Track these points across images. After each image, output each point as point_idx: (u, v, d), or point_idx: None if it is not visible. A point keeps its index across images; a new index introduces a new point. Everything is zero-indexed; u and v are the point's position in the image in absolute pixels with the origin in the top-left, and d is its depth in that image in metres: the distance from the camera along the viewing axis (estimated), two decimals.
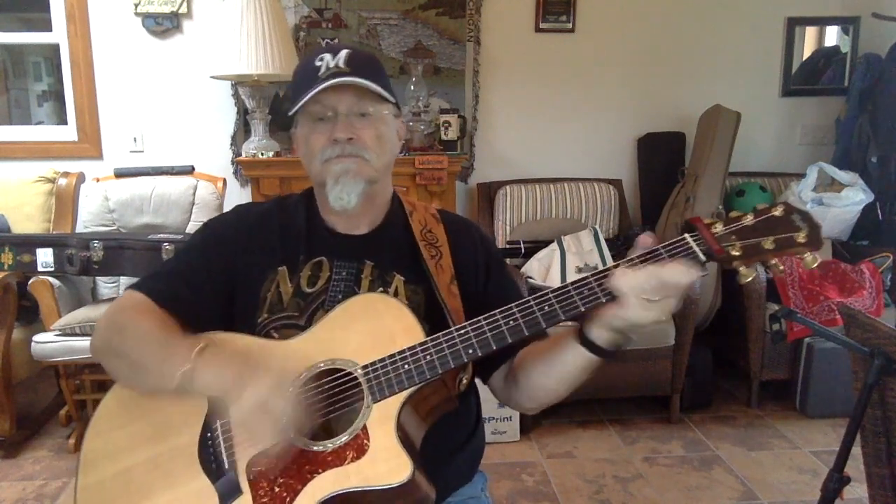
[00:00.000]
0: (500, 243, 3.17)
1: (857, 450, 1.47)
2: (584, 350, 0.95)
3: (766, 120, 3.51)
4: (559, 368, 1.00)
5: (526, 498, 2.30)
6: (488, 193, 3.27)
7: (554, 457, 2.58)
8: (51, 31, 3.22)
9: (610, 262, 2.98)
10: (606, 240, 3.08)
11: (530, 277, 2.89)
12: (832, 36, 3.57)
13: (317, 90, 1.05)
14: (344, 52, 1.09)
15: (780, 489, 2.35)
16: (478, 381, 1.20)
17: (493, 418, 2.62)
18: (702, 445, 2.66)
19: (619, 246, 3.11)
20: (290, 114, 1.13)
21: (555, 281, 2.88)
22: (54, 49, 3.28)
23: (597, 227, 3.14)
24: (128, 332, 1.03)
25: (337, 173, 1.08)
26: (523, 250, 3.12)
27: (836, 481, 1.47)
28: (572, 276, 2.91)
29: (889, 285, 2.89)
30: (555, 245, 3.04)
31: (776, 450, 2.62)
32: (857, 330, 1.43)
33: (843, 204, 3.00)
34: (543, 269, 2.98)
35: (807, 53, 3.54)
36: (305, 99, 1.07)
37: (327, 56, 1.08)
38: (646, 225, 3.33)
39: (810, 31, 3.53)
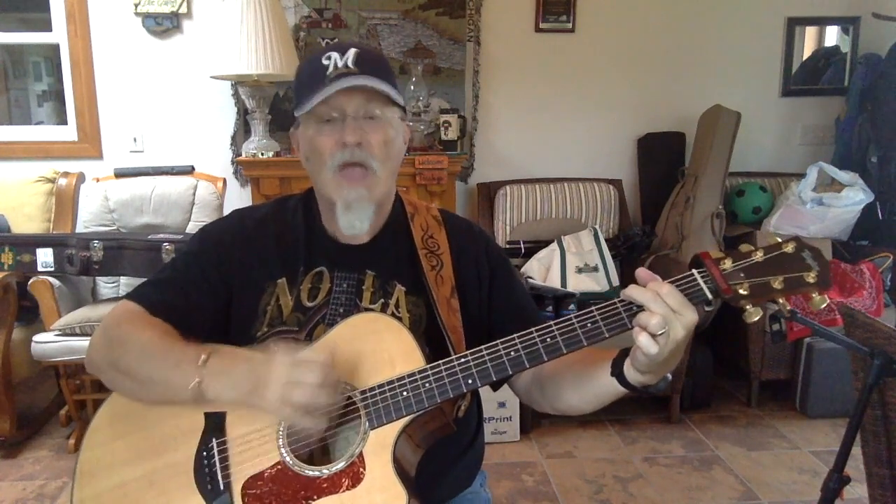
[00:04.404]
0: (500, 243, 3.17)
1: (857, 450, 1.47)
2: (617, 383, 0.93)
3: (766, 120, 3.51)
4: (590, 391, 0.98)
5: (526, 498, 2.30)
6: (488, 193, 3.27)
7: (554, 457, 2.58)
8: (51, 31, 3.22)
9: (610, 262, 2.99)
10: (606, 240, 3.08)
11: (530, 277, 2.89)
12: (832, 36, 3.57)
13: (329, 93, 1.01)
14: (352, 52, 1.04)
15: (780, 489, 2.35)
16: None
17: (493, 418, 2.62)
18: (702, 445, 2.66)
19: (619, 246, 3.11)
20: (298, 115, 1.08)
21: (555, 281, 2.89)
22: (54, 49, 3.28)
23: (597, 227, 3.14)
24: (129, 347, 1.00)
25: (349, 200, 1.05)
26: (523, 250, 3.12)
27: (836, 481, 1.47)
28: (572, 277, 2.93)
29: (889, 285, 2.89)
30: (555, 245, 3.04)
31: (776, 450, 2.62)
32: (857, 330, 1.43)
33: (843, 204, 3.00)
34: (543, 269, 2.98)
35: (807, 53, 3.54)
36: (317, 101, 1.02)
37: (335, 55, 1.04)
38: (646, 225, 3.33)
39: (810, 31, 3.53)
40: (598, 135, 3.47)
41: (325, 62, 1.04)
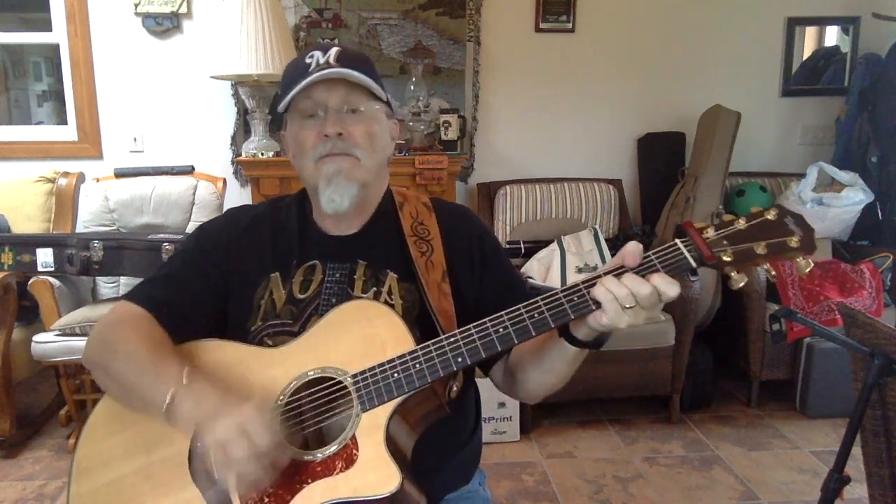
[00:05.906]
0: (500, 244, 3.16)
1: (857, 450, 1.47)
2: (569, 345, 0.96)
3: (766, 120, 3.51)
4: (549, 364, 1.01)
5: (526, 498, 2.30)
6: (488, 193, 3.27)
7: (554, 457, 2.58)
8: (51, 31, 3.22)
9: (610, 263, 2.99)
10: (606, 240, 3.08)
11: (530, 277, 2.89)
12: (832, 36, 3.57)
13: (306, 83, 1.04)
14: (334, 49, 1.08)
15: (780, 489, 2.35)
16: (479, 381, 1.19)
17: (493, 418, 2.62)
18: (702, 445, 2.66)
19: (619, 246, 3.10)
20: (281, 110, 1.12)
21: (555, 281, 2.89)
22: (54, 49, 3.28)
23: (597, 227, 3.14)
24: (118, 353, 1.02)
25: (329, 175, 1.07)
26: (523, 250, 3.12)
27: (836, 481, 1.47)
28: (572, 276, 2.93)
29: (889, 285, 2.89)
30: (555, 245, 3.04)
31: (776, 450, 2.62)
32: (857, 330, 1.43)
33: (843, 204, 3.00)
34: (543, 269, 2.98)
35: (807, 53, 3.54)
36: (295, 92, 1.06)
37: (317, 53, 1.08)
38: (646, 225, 3.34)
39: (810, 31, 3.53)
40: (598, 135, 3.47)
41: (307, 60, 1.08)
